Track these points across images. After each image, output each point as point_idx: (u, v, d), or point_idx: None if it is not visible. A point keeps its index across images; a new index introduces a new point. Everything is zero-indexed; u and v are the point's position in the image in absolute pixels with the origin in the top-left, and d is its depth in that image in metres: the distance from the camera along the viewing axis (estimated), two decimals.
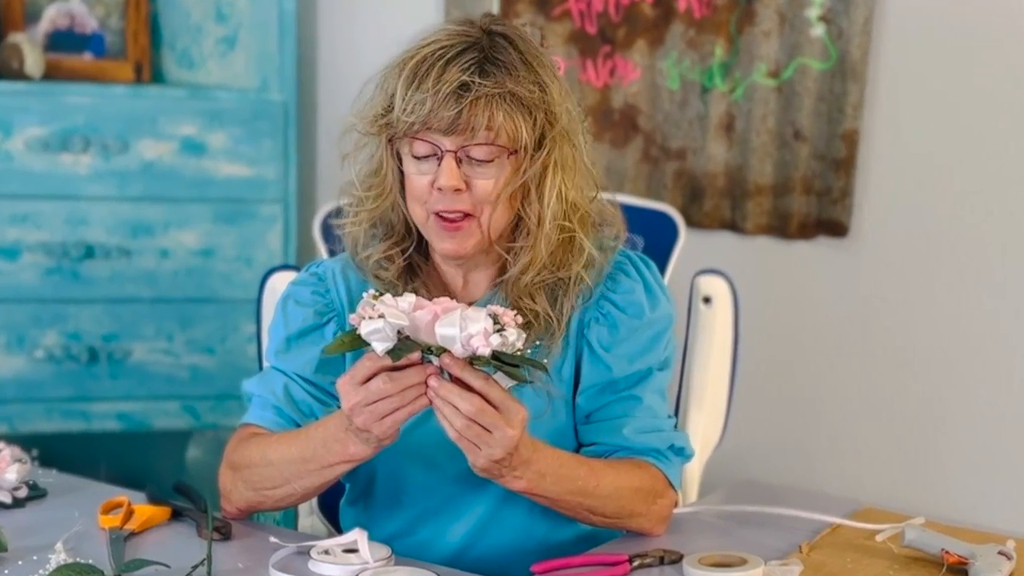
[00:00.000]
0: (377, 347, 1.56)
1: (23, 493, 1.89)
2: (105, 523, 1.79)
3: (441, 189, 1.73)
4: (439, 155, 1.73)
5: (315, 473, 1.74)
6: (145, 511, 1.82)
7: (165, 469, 3.42)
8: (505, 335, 1.56)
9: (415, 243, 1.85)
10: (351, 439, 1.68)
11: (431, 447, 1.77)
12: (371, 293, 1.59)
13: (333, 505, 2.07)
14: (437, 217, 1.76)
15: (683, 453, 1.90)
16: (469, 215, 1.76)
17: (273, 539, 1.73)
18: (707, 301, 2.24)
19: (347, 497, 1.99)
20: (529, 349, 1.74)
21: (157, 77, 3.38)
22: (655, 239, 2.16)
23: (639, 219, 2.01)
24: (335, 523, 2.10)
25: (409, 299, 1.58)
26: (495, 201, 1.75)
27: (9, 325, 3.14)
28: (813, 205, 2.96)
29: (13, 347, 3.15)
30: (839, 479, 3.00)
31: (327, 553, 1.68)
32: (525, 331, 1.65)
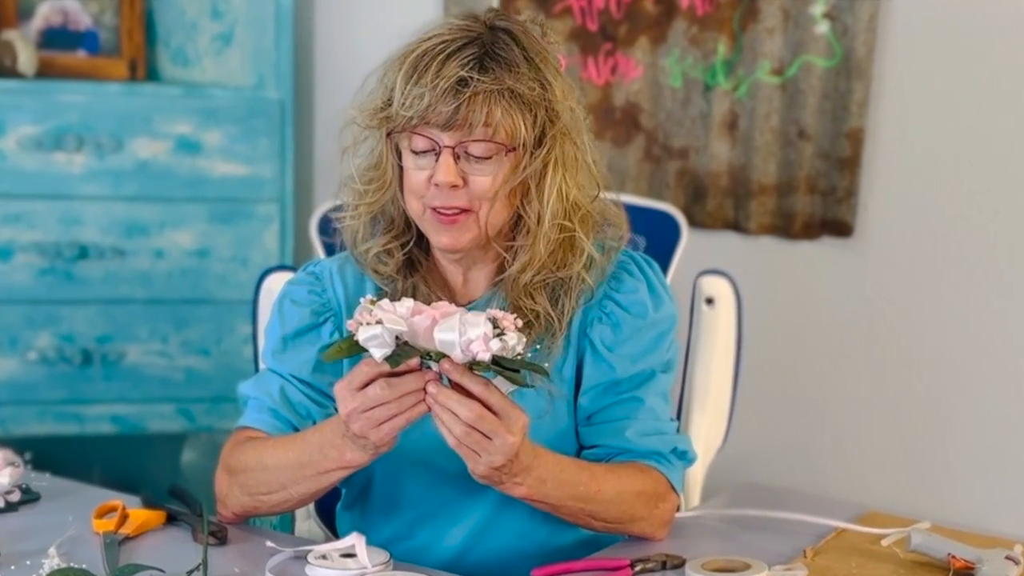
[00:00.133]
0: (375, 353, 1.55)
1: (16, 497, 1.89)
2: (99, 527, 1.78)
3: (438, 185, 1.74)
4: (437, 150, 1.74)
5: (311, 479, 1.74)
6: (140, 515, 1.82)
7: (160, 472, 3.42)
8: (505, 339, 1.55)
9: (415, 238, 1.86)
10: (348, 445, 1.67)
11: (429, 450, 1.76)
12: (368, 298, 1.58)
13: (330, 509, 2.06)
14: (433, 211, 1.76)
15: (686, 457, 1.89)
16: (466, 210, 1.76)
17: (270, 544, 1.73)
18: (710, 302, 2.23)
19: (343, 502, 1.99)
20: (529, 352, 1.74)
21: (152, 75, 3.39)
22: (657, 239, 2.17)
23: (641, 219, 2.01)
24: (332, 527, 2.10)
25: (407, 304, 1.57)
26: (493, 198, 1.75)
27: (1, 326, 3.14)
28: (817, 205, 2.96)
29: (6, 349, 3.15)
30: (844, 482, 3.00)
31: (324, 558, 1.67)
32: (526, 330, 1.67)
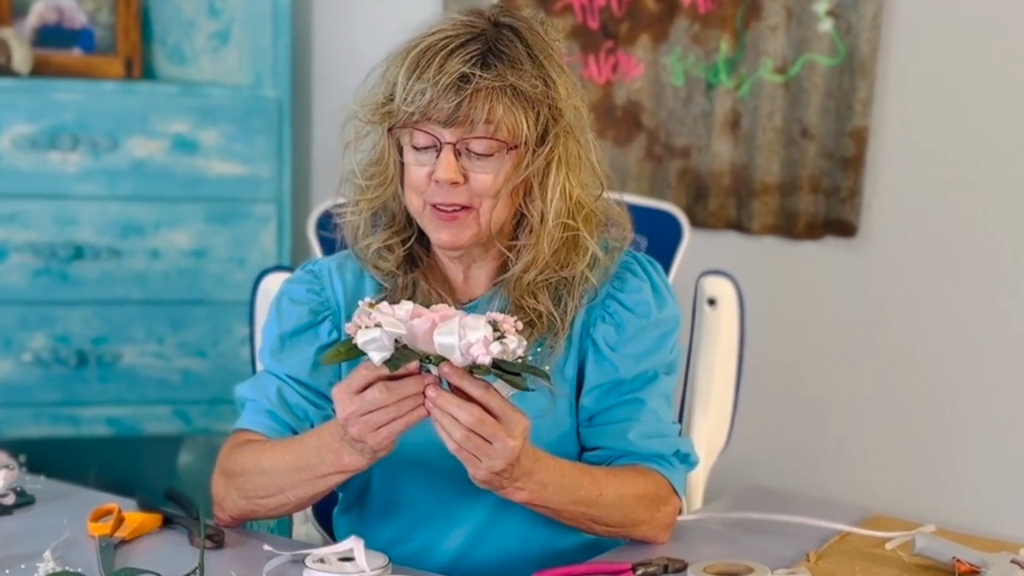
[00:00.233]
0: (374, 357, 1.55)
1: (10, 500, 1.88)
2: (95, 531, 1.78)
3: (438, 181, 1.74)
4: (438, 147, 1.74)
5: (308, 483, 1.74)
6: (136, 518, 1.82)
7: (156, 475, 3.42)
8: (505, 343, 1.55)
9: (415, 234, 1.86)
10: (345, 449, 1.67)
11: (427, 450, 1.74)
12: (367, 301, 1.58)
13: (328, 512, 2.06)
14: (433, 208, 1.76)
15: (688, 460, 1.89)
16: (466, 207, 1.76)
17: (267, 547, 1.72)
18: (712, 303, 2.23)
19: (340, 505, 1.99)
20: (530, 357, 1.73)
21: (148, 73, 3.38)
22: (658, 239, 2.17)
23: (642, 219, 2.00)
24: (330, 531, 2.09)
25: (406, 307, 1.57)
26: (494, 196, 1.75)
27: None
28: (821, 204, 2.96)
29: (0, 350, 3.14)
30: (848, 485, 3.00)
31: (322, 562, 1.66)
32: (528, 330, 1.68)
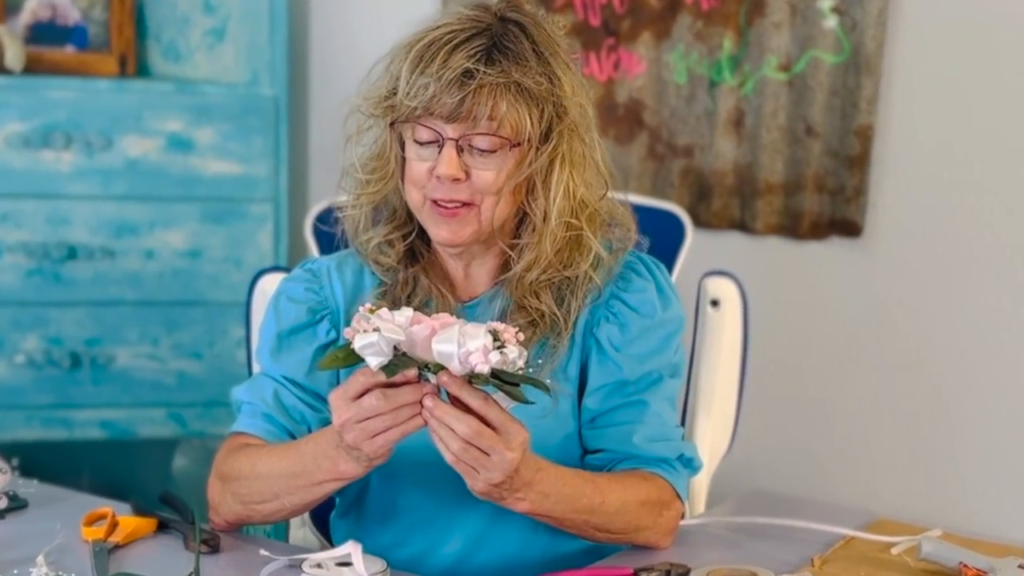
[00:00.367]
0: (371, 362, 1.54)
1: (3, 504, 1.88)
2: (88, 535, 1.77)
3: (440, 177, 1.73)
4: (440, 142, 1.73)
5: (304, 489, 1.73)
6: (130, 523, 1.81)
7: (151, 479, 3.42)
8: (505, 352, 1.54)
9: (416, 229, 1.85)
10: (341, 456, 1.66)
11: (425, 454, 1.72)
12: (367, 306, 1.57)
13: (325, 517, 2.06)
14: (433, 203, 1.76)
15: (692, 464, 1.89)
16: (467, 204, 1.75)
17: (264, 552, 1.72)
18: (715, 304, 2.23)
19: (338, 510, 1.99)
20: (530, 369, 1.72)
21: (142, 71, 3.38)
22: (661, 239, 2.16)
23: (644, 218, 2.00)
24: (327, 535, 2.09)
25: (406, 313, 1.56)
26: (496, 193, 1.75)
27: None
28: (826, 204, 2.95)
29: None
30: (852, 489, 2.99)
31: (320, 567, 1.66)
32: (531, 329, 1.72)
